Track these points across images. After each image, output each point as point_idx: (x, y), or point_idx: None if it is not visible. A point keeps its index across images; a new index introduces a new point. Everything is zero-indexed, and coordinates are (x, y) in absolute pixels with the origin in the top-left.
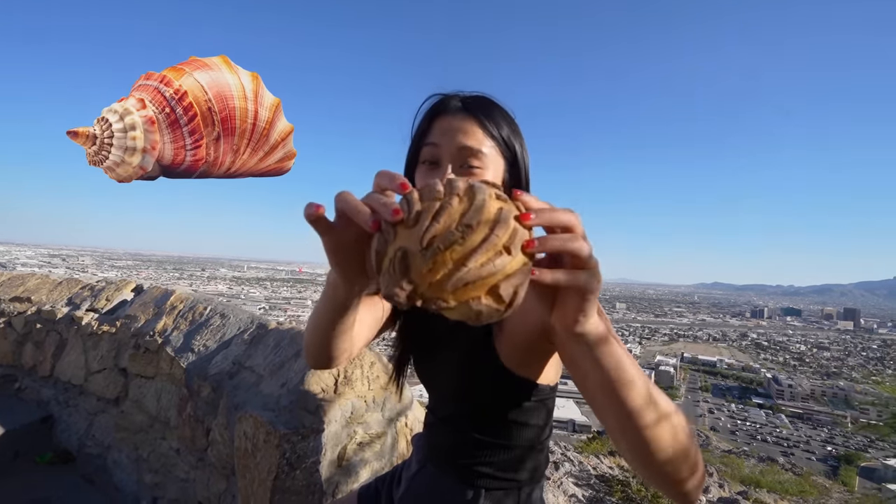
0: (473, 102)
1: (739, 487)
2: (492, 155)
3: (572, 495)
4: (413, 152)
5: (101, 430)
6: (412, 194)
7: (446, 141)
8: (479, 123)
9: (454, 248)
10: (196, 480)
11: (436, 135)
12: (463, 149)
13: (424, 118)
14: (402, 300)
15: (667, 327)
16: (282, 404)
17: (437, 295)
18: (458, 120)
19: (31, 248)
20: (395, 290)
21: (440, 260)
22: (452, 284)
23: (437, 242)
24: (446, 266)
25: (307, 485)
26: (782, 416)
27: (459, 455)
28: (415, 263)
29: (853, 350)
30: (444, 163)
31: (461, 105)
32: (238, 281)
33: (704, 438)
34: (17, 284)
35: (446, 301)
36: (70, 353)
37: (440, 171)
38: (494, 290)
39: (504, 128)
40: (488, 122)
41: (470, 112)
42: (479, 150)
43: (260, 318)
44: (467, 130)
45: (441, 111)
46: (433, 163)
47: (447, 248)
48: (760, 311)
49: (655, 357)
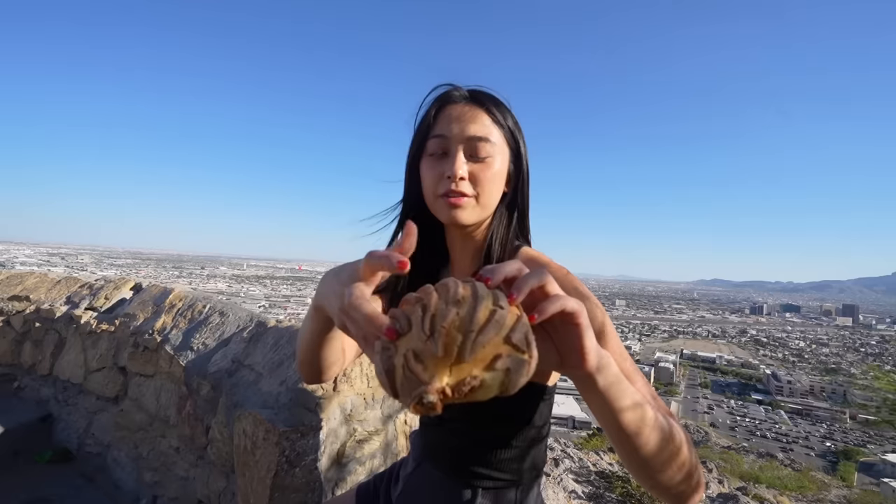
0: (479, 93)
1: (739, 483)
2: (500, 144)
3: (572, 491)
4: (418, 144)
5: (100, 429)
6: (398, 312)
7: (455, 130)
8: (487, 112)
9: (454, 319)
10: (196, 478)
11: (443, 126)
12: (472, 138)
13: (430, 109)
14: (433, 400)
15: (666, 324)
16: (281, 402)
17: (463, 374)
18: (466, 109)
19: (30, 247)
20: (421, 394)
21: (449, 336)
22: (470, 352)
23: (437, 322)
24: (456, 340)
25: (306, 482)
26: (781, 412)
27: (457, 453)
28: (427, 354)
29: (852, 346)
30: (454, 152)
31: (468, 94)
32: (238, 279)
33: (704, 434)
34: (15, 283)
35: (474, 375)
36: (69, 351)
37: (449, 160)
38: (509, 341)
39: (509, 118)
40: (496, 110)
41: (477, 102)
42: (488, 139)
43: (259, 317)
44: (476, 119)
45: (447, 101)
46: (442, 155)
47: (449, 323)
48: (760, 308)
49: (655, 354)
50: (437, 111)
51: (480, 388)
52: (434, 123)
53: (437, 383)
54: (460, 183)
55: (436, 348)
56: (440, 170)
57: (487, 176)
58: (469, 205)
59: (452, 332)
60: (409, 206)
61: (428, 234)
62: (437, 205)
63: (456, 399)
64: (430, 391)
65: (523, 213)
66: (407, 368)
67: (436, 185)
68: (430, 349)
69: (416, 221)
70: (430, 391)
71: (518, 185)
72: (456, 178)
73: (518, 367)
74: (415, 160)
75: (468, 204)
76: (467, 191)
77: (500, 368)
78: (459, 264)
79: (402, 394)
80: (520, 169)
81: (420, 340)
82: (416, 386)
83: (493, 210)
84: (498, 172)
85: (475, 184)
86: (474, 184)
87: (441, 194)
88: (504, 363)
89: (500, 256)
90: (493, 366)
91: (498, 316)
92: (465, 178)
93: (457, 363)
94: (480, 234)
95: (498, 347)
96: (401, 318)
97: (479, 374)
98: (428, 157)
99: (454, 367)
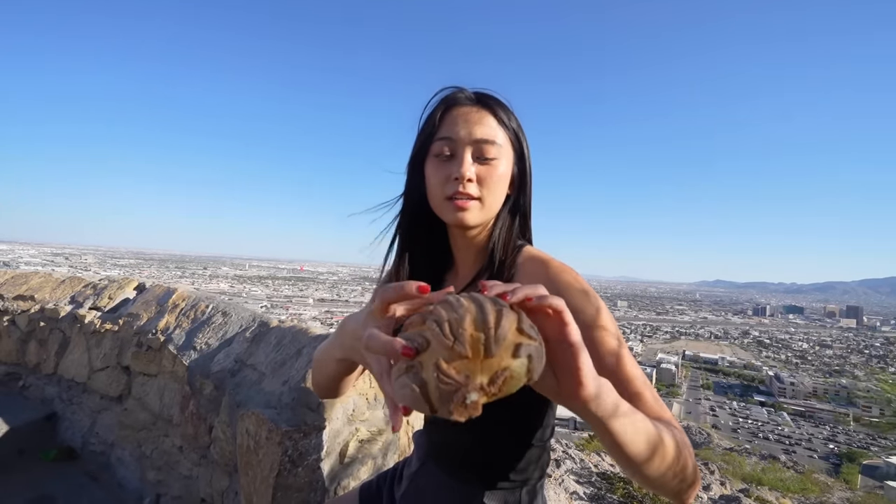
0: (485, 95)
1: (741, 485)
2: (505, 146)
3: (574, 493)
4: (423, 145)
5: (104, 428)
6: (409, 333)
7: (463, 133)
8: (493, 114)
9: (471, 322)
10: (199, 477)
11: (449, 128)
12: (479, 140)
13: (436, 110)
14: (476, 398)
15: (668, 325)
16: (284, 402)
17: (494, 368)
18: (472, 111)
19: (35, 247)
20: (464, 395)
21: (473, 337)
22: (495, 345)
23: (457, 327)
24: (480, 339)
25: (309, 482)
26: (784, 414)
27: (460, 453)
28: (456, 357)
29: (856, 348)
30: (460, 154)
31: (474, 97)
32: (240, 279)
33: (706, 436)
34: (20, 283)
35: (503, 367)
36: (73, 351)
37: (456, 162)
38: (521, 331)
39: (513, 120)
40: (502, 113)
41: (482, 104)
42: (495, 141)
43: (262, 317)
44: (482, 121)
45: (453, 104)
46: (449, 157)
47: (468, 325)
48: (762, 309)
49: (657, 355)
50: (443, 113)
51: (512, 379)
52: (440, 125)
53: (476, 381)
54: (468, 185)
55: (465, 349)
56: (447, 172)
57: (493, 178)
58: (475, 207)
59: (474, 333)
60: (410, 206)
61: (430, 236)
62: (443, 206)
63: (493, 394)
64: (472, 389)
65: (526, 215)
66: (441, 376)
67: (443, 187)
68: (459, 351)
69: (417, 222)
70: (471, 390)
71: (521, 186)
72: (464, 179)
73: (538, 354)
74: (418, 160)
75: (474, 206)
76: (474, 192)
77: (523, 356)
78: (462, 265)
79: (441, 403)
80: (523, 171)
81: (445, 349)
82: (454, 389)
83: (497, 212)
84: (503, 175)
85: (481, 186)
86: (480, 186)
87: (448, 196)
88: (526, 350)
89: (502, 257)
90: (517, 354)
91: (505, 311)
92: (472, 179)
93: (485, 359)
94: (483, 236)
95: (516, 338)
96: (415, 337)
97: (508, 363)
98: (433, 158)
99: (483, 364)
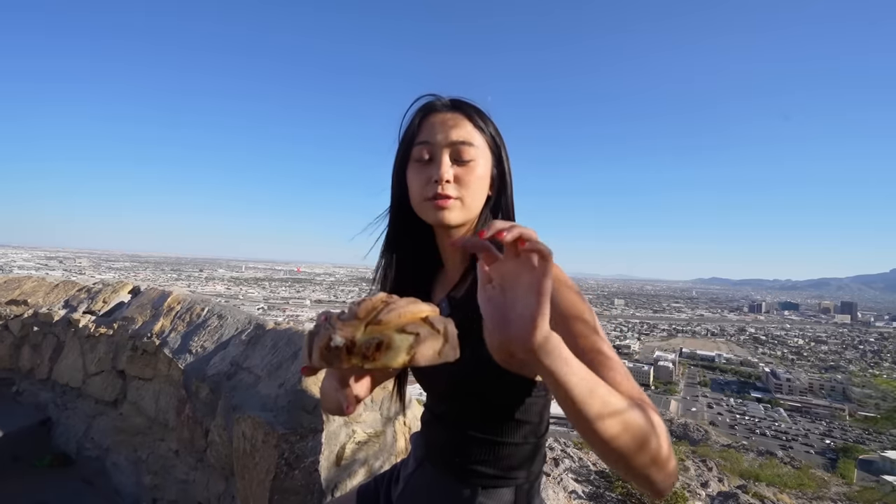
0: (461, 102)
1: (739, 481)
2: (482, 148)
3: (572, 491)
4: (404, 152)
5: (99, 433)
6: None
7: (439, 136)
8: (468, 118)
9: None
10: (195, 481)
11: (427, 132)
12: (456, 142)
13: (414, 118)
14: (340, 343)
15: (665, 323)
16: (280, 405)
17: (375, 332)
18: (449, 116)
19: (28, 251)
20: (329, 335)
21: (370, 305)
22: (385, 313)
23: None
24: (374, 308)
25: (306, 484)
26: (781, 410)
27: (456, 453)
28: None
29: (851, 343)
30: (438, 158)
31: (450, 103)
32: (236, 281)
33: (704, 433)
34: (13, 287)
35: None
36: (67, 355)
37: (434, 165)
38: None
39: (490, 125)
40: (478, 117)
41: (459, 109)
42: (472, 143)
43: (257, 319)
44: (459, 125)
45: (430, 110)
46: (428, 160)
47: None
48: (758, 306)
49: (654, 353)
50: (422, 119)
51: (389, 349)
52: (419, 131)
53: (348, 332)
54: (446, 186)
55: (358, 310)
56: (427, 174)
57: (472, 178)
58: (455, 206)
59: (376, 305)
60: (396, 212)
61: (418, 239)
62: (424, 208)
63: (365, 355)
64: (340, 336)
65: (507, 216)
66: (326, 323)
67: (423, 189)
68: (354, 311)
69: (404, 226)
70: (339, 336)
71: (502, 188)
72: (442, 181)
73: (429, 338)
74: (401, 167)
75: (454, 206)
76: (453, 193)
77: (410, 332)
78: (450, 267)
79: (315, 347)
80: (503, 172)
81: (347, 310)
82: (328, 335)
83: (479, 212)
84: (482, 175)
85: (460, 186)
86: (459, 186)
87: (428, 197)
88: (416, 329)
89: None
90: (405, 331)
91: (422, 306)
92: (450, 180)
93: (372, 325)
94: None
95: (415, 323)
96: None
97: (391, 334)
98: (414, 162)
99: (369, 328)
